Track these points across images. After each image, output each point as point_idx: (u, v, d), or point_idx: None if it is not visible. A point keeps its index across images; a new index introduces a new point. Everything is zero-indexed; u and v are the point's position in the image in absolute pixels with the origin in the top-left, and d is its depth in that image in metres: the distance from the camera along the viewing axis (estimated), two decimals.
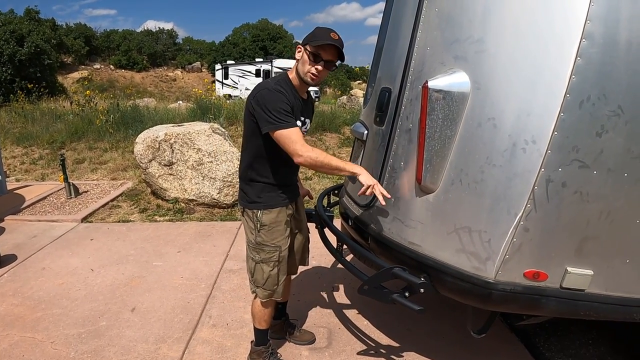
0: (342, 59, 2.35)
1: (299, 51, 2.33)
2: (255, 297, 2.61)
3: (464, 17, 2.17)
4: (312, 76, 2.31)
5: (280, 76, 2.41)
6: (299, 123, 2.37)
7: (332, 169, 2.27)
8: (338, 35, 2.27)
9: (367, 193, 2.26)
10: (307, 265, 2.98)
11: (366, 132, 2.87)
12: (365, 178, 2.26)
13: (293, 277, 3.01)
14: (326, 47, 2.24)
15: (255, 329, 2.70)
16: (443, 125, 2.15)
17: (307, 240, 2.90)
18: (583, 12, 1.84)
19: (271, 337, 2.81)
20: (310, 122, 2.59)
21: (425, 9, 2.31)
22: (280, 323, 3.03)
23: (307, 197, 3.01)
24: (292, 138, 2.20)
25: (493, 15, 2.08)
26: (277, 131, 2.20)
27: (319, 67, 2.28)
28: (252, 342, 2.78)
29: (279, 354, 2.82)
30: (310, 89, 2.57)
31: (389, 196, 2.30)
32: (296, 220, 2.72)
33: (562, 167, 1.93)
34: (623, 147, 1.93)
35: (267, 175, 2.43)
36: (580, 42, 1.85)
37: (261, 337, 2.72)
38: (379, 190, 2.25)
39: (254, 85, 2.42)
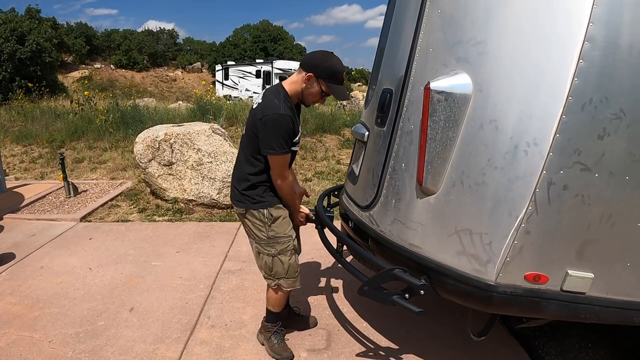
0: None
1: (310, 79, 2.45)
2: (275, 287, 2.77)
3: (466, 18, 2.17)
4: (313, 104, 2.63)
5: (281, 94, 2.49)
6: (299, 134, 2.58)
7: (288, 200, 2.66)
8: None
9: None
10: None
11: (367, 133, 2.87)
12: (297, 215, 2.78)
13: None
14: None
15: (268, 310, 2.92)
16: (445, 126, 2.15)
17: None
18: (586, 14, 1.84)
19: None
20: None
21: (427, 10, 2.31)
22: (285, 312, 3.08)
23: (304, 197, 3.02)
24: (282, 164, 2.50)
25: (495, 17, 2.08)
26: (275, 157, 2.44)
27: (322, 101, 2.61)
28: (264, 317, 2.99)
29: (285, 334, 2.98)
30: None
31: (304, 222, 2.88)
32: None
33: (563, 169, 1.93)
34: (625, 150, 1.92)
35: (267, 178, 2.57)
36: (582, 44, 1.85)
37: (273, 317, 2.92)
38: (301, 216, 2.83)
39: (255, 87, 2.54)
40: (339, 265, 3.97)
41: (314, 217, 2.98)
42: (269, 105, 2.42)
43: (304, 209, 2.86)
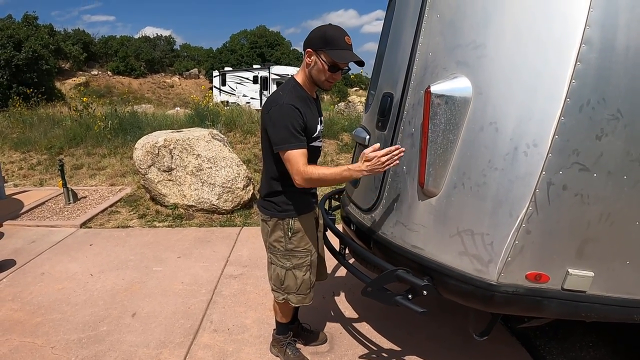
0: (362, 64, 2.27)
1: (310, 56, 2.24)
2: (282, 301, 2.63)
3: (465, 22, 2.20)
4: (329, 84, 2.31)
5: (289, 84, 2.35)
6: (319, 127, 2.40)
7: (333, 183, 2.26)
8: (350, 38, 2.22)
9: (384, 160, 2.09)
10: (326, 278, 2.91)
11: (368, 137, 2.89)
12: (368, 168, 2.12)
13: None
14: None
15: (277, 322, 2.86)
16: (445, 129, 2.18)
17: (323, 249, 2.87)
18: (582, 17, 1.87)
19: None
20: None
21: (427, 14, 2.34)
22: (294, 328, 3.00)
23: None
24: (297, 159, 2.19)
25: (494, 21, 2.11)
26: (286, 152, 2.20)
27: (337, 77, 2.28)
28: (274, 330, 2.95)
29: (297, 345, 2.92)
30: None
31: (399, 149, 2.12)
32: (319, 224, 2.77)
33: (562, 170, 1.95)
34: (622, 150, 1.95)
35: (292, 183, 2.30)
36: (580, 47, 1.88)
37: (282, 328, 2.87)
38: (387, 156, 2.09)
39: (252, 93, 2.40)
40: (341, 267, 4.01)
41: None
42: (272, 99, 2.30)
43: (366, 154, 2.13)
